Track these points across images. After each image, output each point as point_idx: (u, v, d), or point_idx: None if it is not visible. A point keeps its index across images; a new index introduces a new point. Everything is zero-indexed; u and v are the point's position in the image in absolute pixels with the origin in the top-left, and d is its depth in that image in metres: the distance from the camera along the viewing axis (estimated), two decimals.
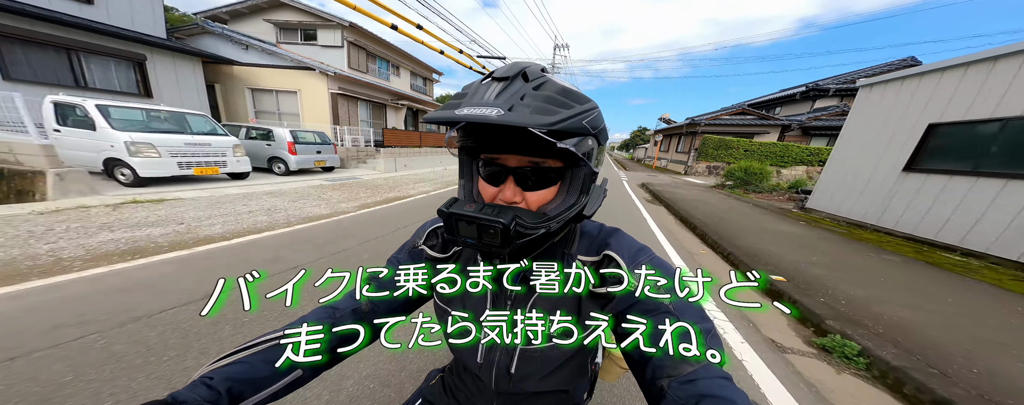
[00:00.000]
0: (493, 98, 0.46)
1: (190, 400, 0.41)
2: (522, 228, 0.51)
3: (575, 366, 0.73)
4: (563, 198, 0.57)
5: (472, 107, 0.44)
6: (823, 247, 4.53)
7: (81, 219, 3.95)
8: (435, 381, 0.89)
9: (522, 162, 0.55)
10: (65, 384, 1.56)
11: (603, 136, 0.55)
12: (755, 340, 2.35)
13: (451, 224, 0.53)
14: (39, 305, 2.24)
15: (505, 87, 0.47)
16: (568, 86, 0.50)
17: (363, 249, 3.73)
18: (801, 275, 3.37)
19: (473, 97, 0.48)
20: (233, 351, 0.52)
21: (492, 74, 0.50)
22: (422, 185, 9.15)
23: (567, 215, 0.55)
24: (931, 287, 3.30)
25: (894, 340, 2.26)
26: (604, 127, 0.54)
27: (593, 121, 0.50)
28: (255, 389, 0.49)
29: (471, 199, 0.62)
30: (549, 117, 0.43)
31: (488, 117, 0.42)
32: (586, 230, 0.70)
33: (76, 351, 1.79)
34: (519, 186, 0.56)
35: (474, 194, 0.63)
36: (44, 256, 2.95)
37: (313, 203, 5.88)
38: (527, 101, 0.45)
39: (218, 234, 3.88)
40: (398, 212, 5.74)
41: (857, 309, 2.69)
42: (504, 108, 0.43)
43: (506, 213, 0.50)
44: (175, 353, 1.83)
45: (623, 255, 0.60)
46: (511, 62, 0.53)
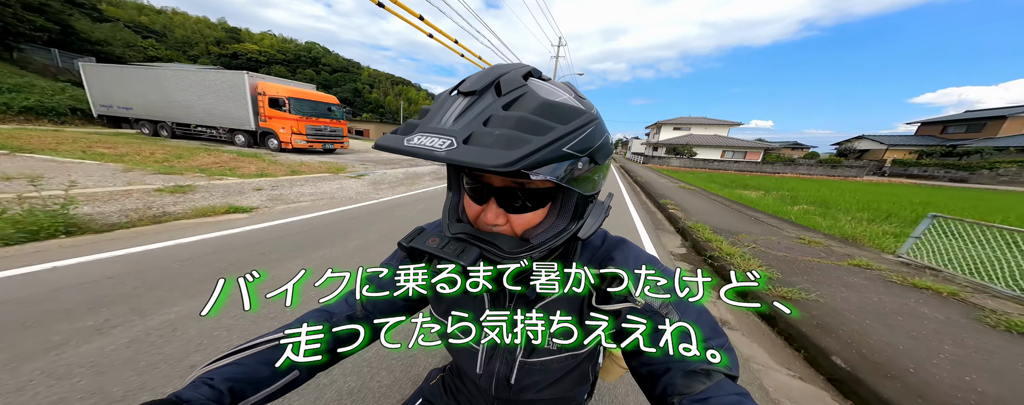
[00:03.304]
0: (451, 122, 0.38)
1: (193, 399, 0.41)
2: (495, 259, 0.47)
3: (577, 375, 0.72)
4: (552, 222, 0.51)
5: (425, 133, 0.37)
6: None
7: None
8: (436, 381, 0.89)
9: (505, 182, 0.48)
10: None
11: (601, 154, 0.46)
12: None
13: (413, 258, 0.50)
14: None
15: (470, 104, 0.39)
16: (553, 99, 0.41)
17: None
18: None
19: (431, 118, 0.40)
20: (232, 351, 0.52)
21: (460, 85, 0.42)
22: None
23: (553, 243, 0.49)
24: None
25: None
26: (603, 143, 0.45)
27: (583, 143, 0.41)
28: (255, 389, 0.49)
29: (456, 216, 0.58)
30: (511, 152, 0.34)
31: (434, 152, 0.35)
32: (590, 240, 0.65)
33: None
34: (503, 207, 0.50)
35: (459, 210, 0.58)
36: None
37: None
38: (491, 126, 0.37)
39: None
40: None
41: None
42: (459, 138, 0.36)
43: (469, 253, 0.45)
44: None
45: (629, 267, 0.57)
46: (489, 67, 0.43)
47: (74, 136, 11.28)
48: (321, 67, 66.40)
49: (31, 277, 2.47)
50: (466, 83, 0.41)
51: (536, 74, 0.46)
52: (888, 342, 2.26)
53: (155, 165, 7.14)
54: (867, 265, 3.95)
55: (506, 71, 0.42)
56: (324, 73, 66.04)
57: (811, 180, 25.91)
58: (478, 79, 0.41)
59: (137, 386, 1.55)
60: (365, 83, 74.61)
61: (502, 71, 0.42)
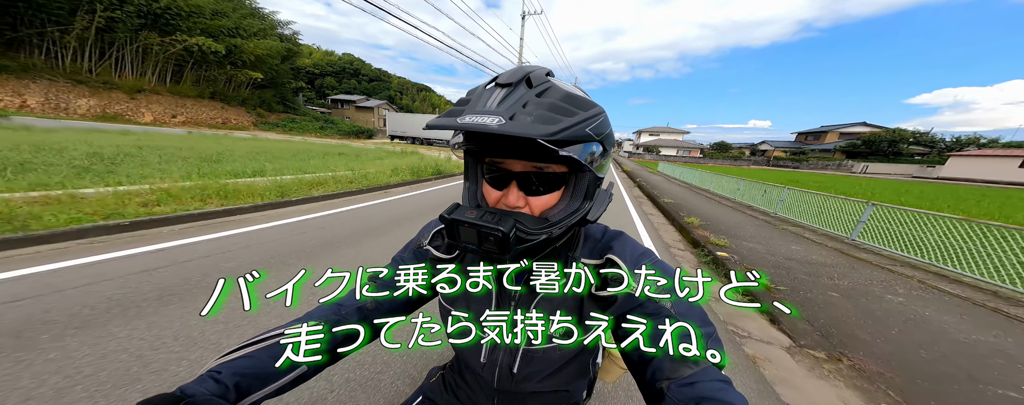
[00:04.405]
0: (495, 105, 0.45)
1: (199, 394, 0.42)
2: (523, 234, 0.50)
3: (577, 367, 0.73)
4: (567, 203, 0.56)
5: (474, 115, 0.44)
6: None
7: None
8: (436, 379, 0.89)
9: (526, 167, 0.54)
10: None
11: (609, 141, 0.53)
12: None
13: (453, 229, 0.53)
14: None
15: (508, 93, 0.46)
16: (573, 91, 0.49)
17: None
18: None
19: (476, 103, 0.47)
20: (241, 346, 0.52)
21: (496, 79, 0.50)
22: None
23: (569, 221, 0.55)
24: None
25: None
26: (610, 132, 0.53)
27: (597, 127, 0.48)
28: (262, 384, 0.49)
29: (475, 202, 0.62)
30: (551, 126, 0.42)
31: (488, 126, 0.42)
32: (590, 233, 0.70)
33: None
34: (522, 191, 0.55)
35: (478, 197, 0.62)
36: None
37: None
38: (529, 109, 0.44)
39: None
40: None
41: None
42: (506, 116, 0.42)
43: (506, 220, 0.49)
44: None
45: (625, 258, 0.60)
46: (515, 67, 0.52)
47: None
48: (361, 77, 72.08)
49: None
50: (502, 77, 0.49)
51: (552, 74, 0.53)
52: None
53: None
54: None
55: (533, 69, 0.50)
56: (363, 83, 71.69)
57: (715, 167, 36.36)
58: (511, 74, 0.49)
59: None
60: (396, 90, 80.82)
61: (530, 69, 0.50)
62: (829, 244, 5.43)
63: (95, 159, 6.21)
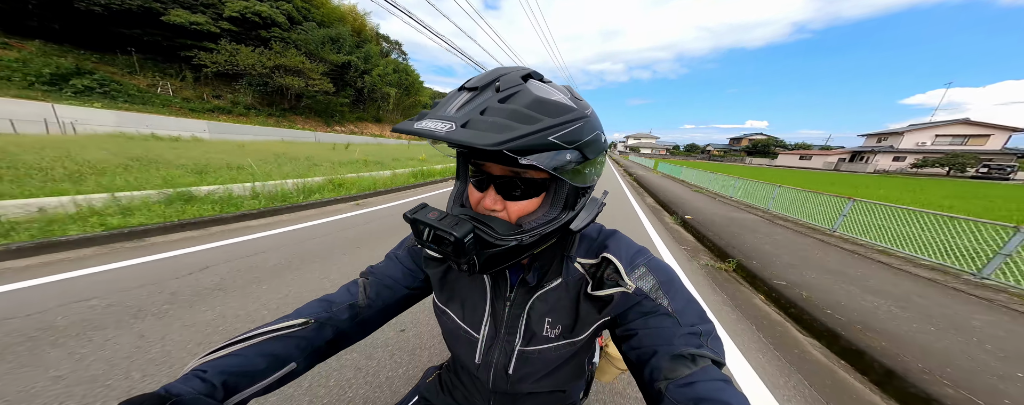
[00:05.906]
0: (454, 111, 0.43)
1: (184, 393, 0.41)
2: (490, 238, 0.48)
3: (573, 367, 0.72)
4: (545, 211, 0.53)
5: (432, 120, 0.42)
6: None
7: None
8: (432, 378, 0.88)
9: (504, 171, 0.52)
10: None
11: (592, 149, 0.48)
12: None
13: (416, 229, 0.51)
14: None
15: (471, 98, 0.44)
16: (547, 97, 0.45)
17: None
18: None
19: (439, 108, 0.45)
20: (227, 343, 0.51)
21: (466, 83, 0.48)
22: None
23: (544, 230, 0.51)
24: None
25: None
26: (591, 139, 0.48)
27: (569, 135, 0.44)
28: (250, 381, 0.49)
29: (460, 201, 0.61)
30: (500, 135, 0.39)
31: (436, 133, 0.40)
32: (586, 233, 0.68)
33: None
34: (501, 194, 0.53)
35: (463, 197, 0.61)
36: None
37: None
38: (487, 115, 0.41)
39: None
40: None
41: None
42: (458, 123, 0.40)
43: (463, 225, 0.47)
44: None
45: (621, 257, 0.59)
46: (493, 69, 0.50)
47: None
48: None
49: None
50: (471, 81, 0.47)
51: (536, 76, 0.50)
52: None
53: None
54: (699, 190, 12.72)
55: (506, 72, 0.47)
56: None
57: (687, 162, 47.17)
58: (482, 78, 0.47)
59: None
60: (432, 98, 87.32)
61: (503, 72, 0.47)
62: (729, 202, 9.62)
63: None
